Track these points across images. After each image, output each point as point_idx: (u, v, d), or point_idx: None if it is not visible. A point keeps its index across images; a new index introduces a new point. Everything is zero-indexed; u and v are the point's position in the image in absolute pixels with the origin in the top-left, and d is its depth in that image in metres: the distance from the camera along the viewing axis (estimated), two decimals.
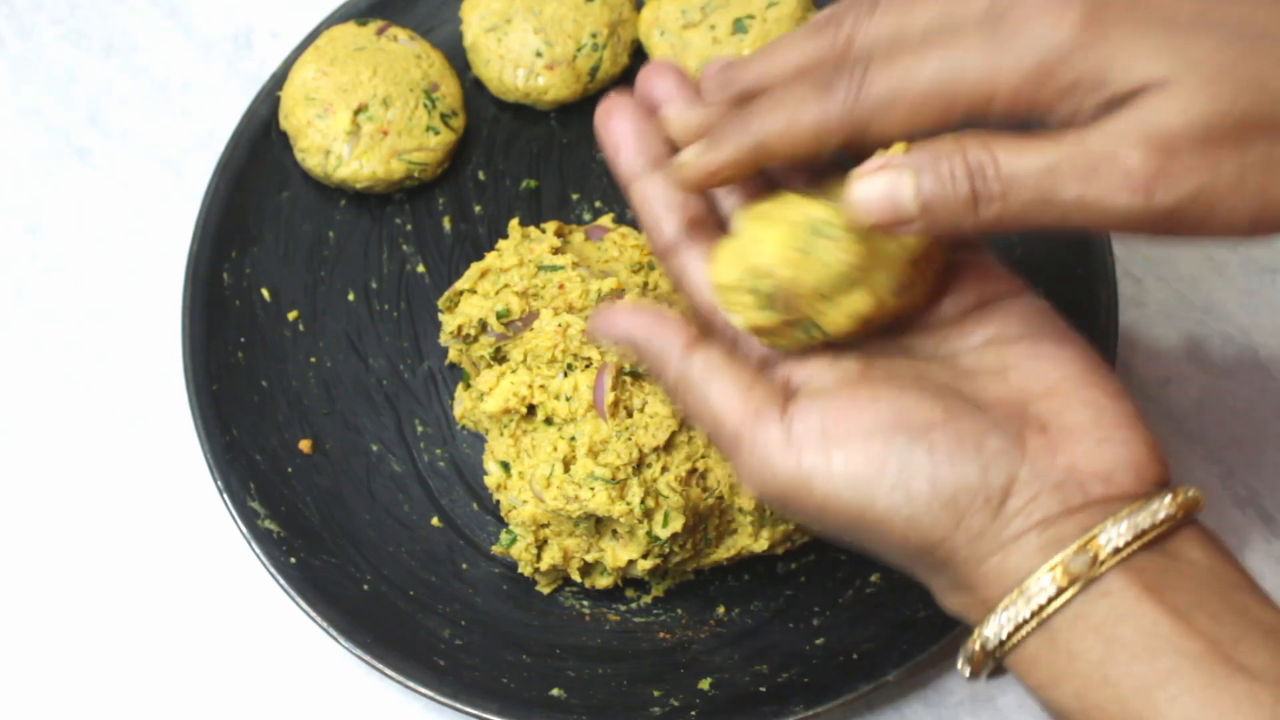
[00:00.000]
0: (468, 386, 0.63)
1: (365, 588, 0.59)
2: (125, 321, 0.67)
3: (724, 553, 0.58)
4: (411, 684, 0.57)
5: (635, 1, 0.69)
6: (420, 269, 0.66)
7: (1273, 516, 0.62)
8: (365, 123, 0.65)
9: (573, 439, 0.56)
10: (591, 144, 0.68)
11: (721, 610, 0.60)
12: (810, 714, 0.56)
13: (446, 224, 0.67)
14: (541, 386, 0.58)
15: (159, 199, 0.69)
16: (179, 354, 0.63)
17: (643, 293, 0.60)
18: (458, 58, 0.68)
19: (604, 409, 0.56)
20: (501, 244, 0.62)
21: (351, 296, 0.65)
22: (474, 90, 0.68)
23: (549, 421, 0.57)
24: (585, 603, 0.60)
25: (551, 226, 0.63)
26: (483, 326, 0.60)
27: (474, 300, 0.61)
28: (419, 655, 0.58)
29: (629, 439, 0.56)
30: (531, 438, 0.58)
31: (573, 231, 0.63)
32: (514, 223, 0.63)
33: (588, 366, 0.57)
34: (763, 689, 0.57)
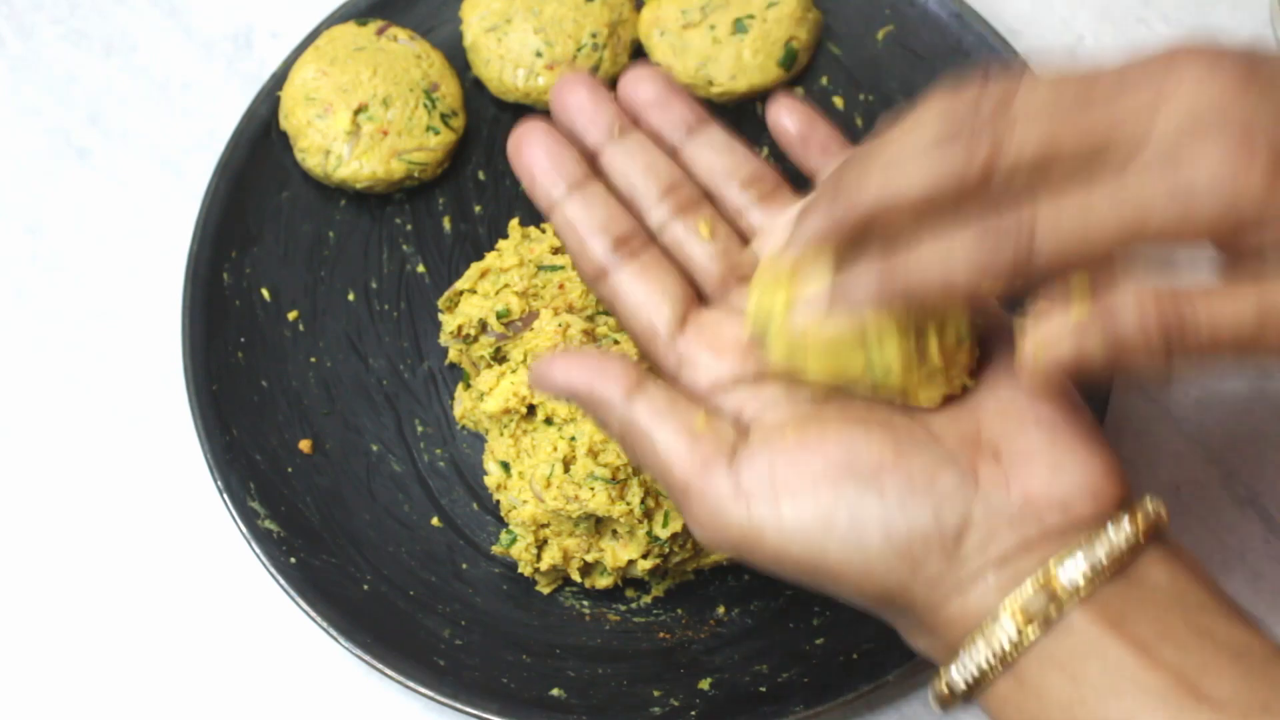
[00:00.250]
0: (468, 386, 0.63)
1: (365, 588, 0.59)
2: (125, 321, 0.67)
3: (724, 553, 0.58)
4: (411, 684, 0.57)
5: (635, 1, 0.69)
6: (420, 269, 0.66)
7: (1273, 516, 0.62)
8: (365, 123, 0.65)
9: (573, 439, 0.56)
10: None
11: (721, 610, 0.60)
12: (810, 714, 0.56)
13: (446, 224, 0.67)
14: None
15: (159, 199, 0.69)
16: (179, 354, 0.63)
17: None
18: (458, 58, 0.68)
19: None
20: (501, 244, 0.62)
21: (351, 296, 0.65)
22: (474, 90, 0.68)
23: (549, 421, 0.57)
24: (585, 603, 0.60)
25: (551, 227, 0.63)
26: (483, 326, 0.60)
27: (474, 300, 0.61)
28: (419, 655, 0.58)
29: None
30: (531, 438, 0.58)
31: None
32: (514, 223, 0.63)
33: None
34: (763, 689, 0.57)
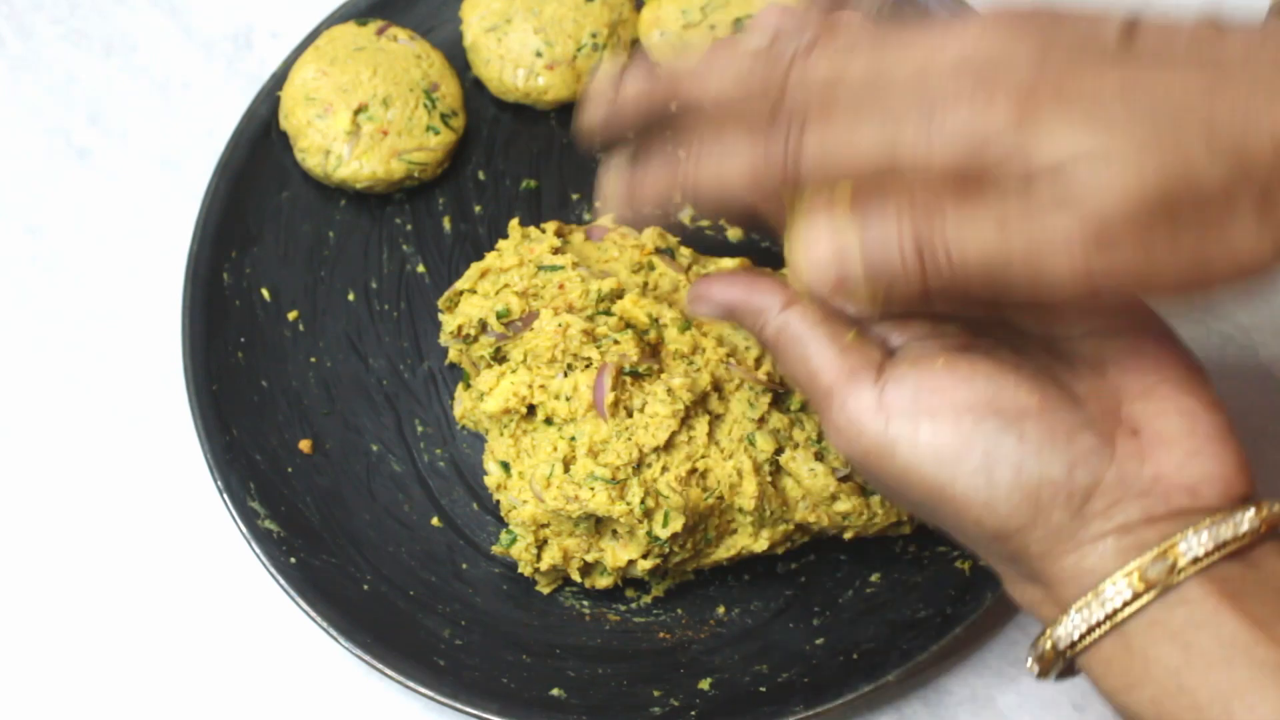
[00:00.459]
0: (468, 386, 0.63)
1: (365, 588, 0.59)
2: (125, 321, 0.67)
3: (724, 553, 0.58)
4: (411, 684, 0.57)
5: (635, 1, 0.69)
6: (420, 269, 0.66)
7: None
8: (365, 123, 0.65)
9: (573, 439, 0.56)
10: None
11: (721, 610, 0.60)
12: (810, 714, 0.56)
13: (446, 224, 0.67)
14: (541, 386, 0.58)
15: (159, 199, 0.69)
16: (179, 354, 0.63)
17: (642, 293, 0.60)
18: (458, 58, 0.68)
19: (604, 409, 0.56)
20: (501, 244, 0.62)
21: (351, 296, 0.65)
22: (474, 90, 0.68)
23: (549, 421, 0.57)
24: (585, 603, 0.60)
25: (551, 226, 0.63)
26: (483, 326, 0.60)
27: (474, 300, 0.61)
28: (419, 655, 0.58)
29: (629, 439, 0.56)
30: (531, 438, 0.58)
31: (573, 231, 0.63)
32: (514, 223, 0.63)
33: (588, 366, 0.57)
34: (763, 689, 0.57)
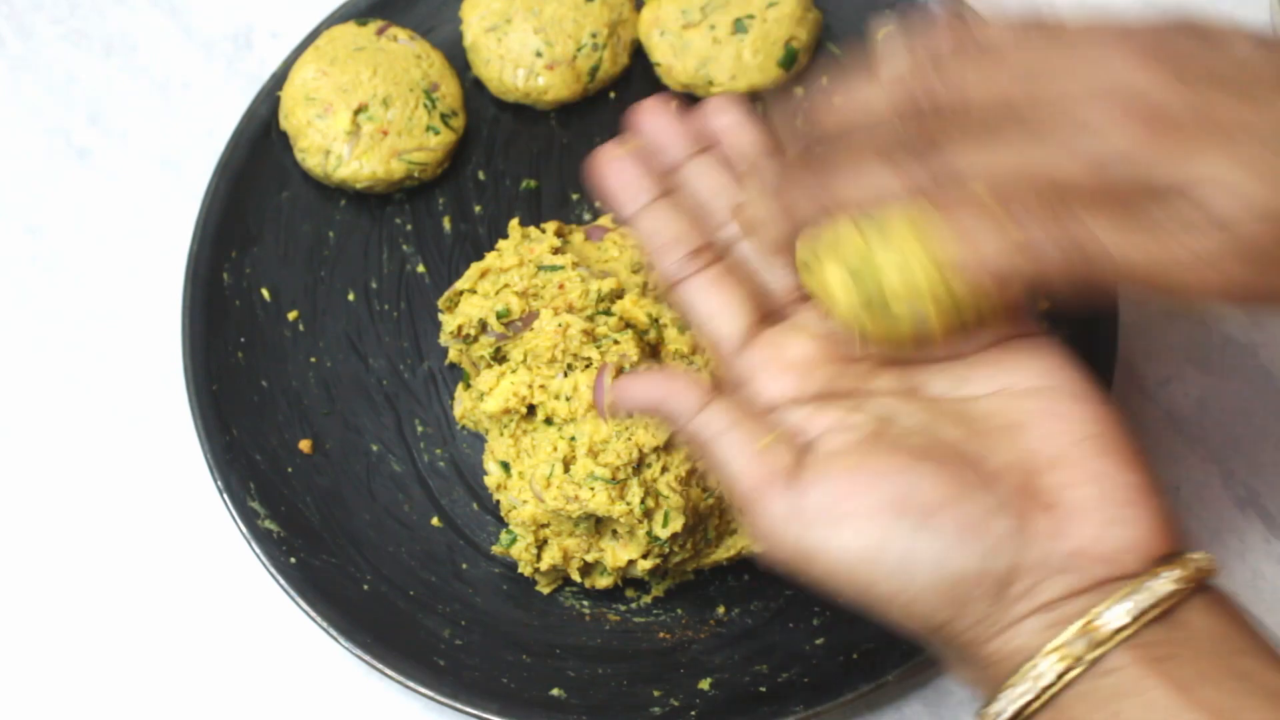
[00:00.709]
0: (468, 386, 0.63)
1: (365, 588, 0.59)
2: (125, 321, 0.67)
3: (724, 553, 0.58)
4: (411, 684, 0.57)
5: (635, 1, 0.69)
6: (420, 269, 0.66)
7: (1273, 516, 0.62)
8: (365, 123, 0.65)
9: (573, 439, 0.56)
10: (591, 144, 0.68)
11: (721, 610, 0.60)
12: (810, 714, 0.56)
13: (446, 224, 0.67)
14: (541, 386, 0.58)
15: (159, 199, 0.69)
16: (179, 354, 0.63)
17: (642, 293, 0.60)
18: (458, 58, 0.68)
19: (604, 409, 0.56)
20: (501, 244, 0.62)
21: (351, 296, 0.65)
22: (474, 90, 0.68)
23: (549, 421, 0.57)
24: (585, 603, 0.60)
25: (551, 226, 0.63)
26: (483, 326, 0.60)
27: (474, 300, 0.61)
28: (419, 655, 0.58)
29: (629, 439, 0.56)
30: (531, 438, 0.58)
31: (573, 231, 0.63)
32: (514, 223, 0.63)
33: (588, 366, 0.57)
34: (763, 689, 0.57)
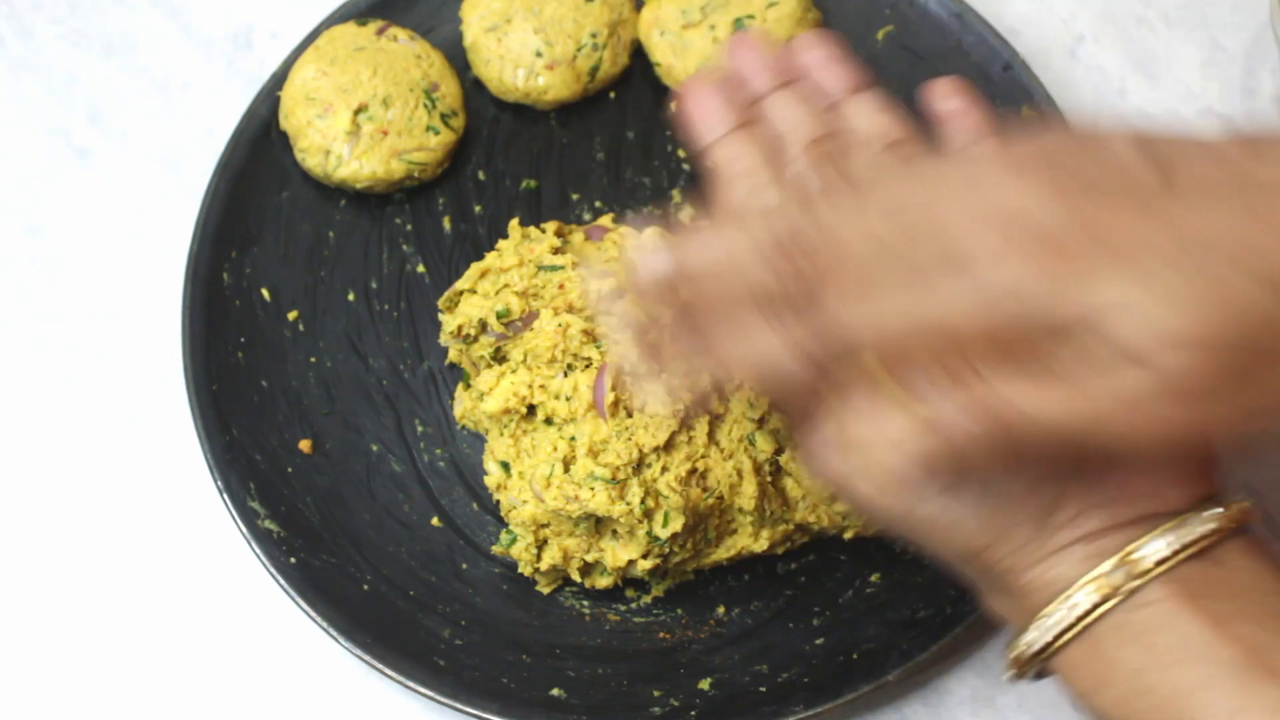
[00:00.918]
0: (468, 386, 0.63)
1: (365, 588, 0.59)
2: (125, 321, 0.67)
3: (724, 553, 0.58)
4: (411, 684, 0.57)
5: (635, 1, 0.69)
6: (420, 269, 0.66)
7: (1273, 516, 0.62)
8: (365, 123, 0.65)
9: (573, 439, 0.56)
10: (591, 144, 0.68)
11: (721, 610, 0.60)
12: (810, 714, 0.56)
13: (446, 224, 0.67)
14: (541, 386, 0.58)
15: (159, 199, 0.69)
16: (179, 354, 0.63)
17: None
18: (458, 58, 0.68)
19: (604, 409, 0.56)
20: (501, 244, 0.62)
21: (351, 296, 0.65)
22: (474, 90, 0.68)
23: (549, 421, 0.57)
24: (585, 603, 0.60)
25: (551, 226, 0.63)
26: (483, 326, 0.60)
27: (474, 300, 0.61)
28: (419, 655, 0.58)
29: (629, 439, 0.56)
30: (531, 438, 0.58)
31: (573, 231, 0.63)
32: (514, 223, 0.63)
33: (588, 366, 0.57)
34: (763, 689, 0.57)
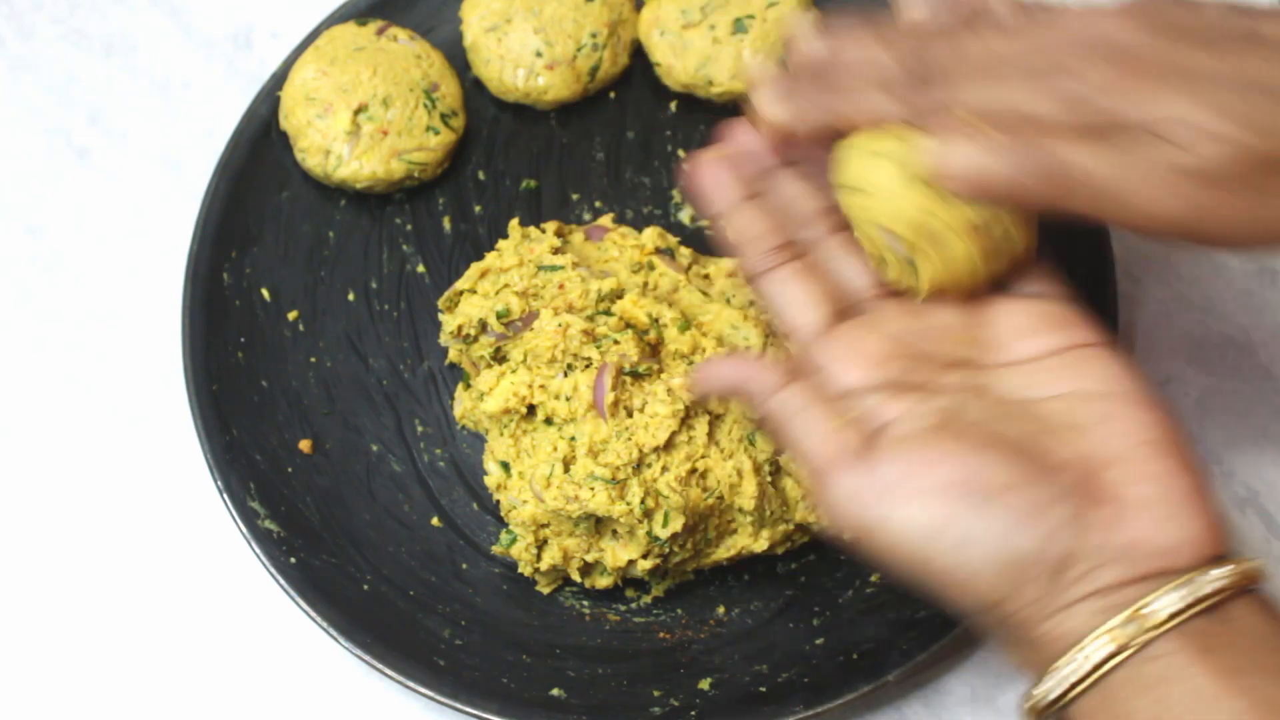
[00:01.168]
0: (468, 386, 0.63)
1: (365, 588, 0.59)
2: (125, 321, 0.67)
3: (724, 553, 0.58)
4: (411, 684, 0.57)
5: (635, 1, 0.69)
6: (420, 269, 0.66)
7: (1273, 516, 0.62)
8: (365, 123, 0.65)
9: (573, 439, 0.56)
10: (591, 144, 0.68)
11: (721, 610, 0.60)
12: (810, 714, 0.56)
13: (446, 224, 0.67)
14: (541, 386, 0.58)
15: (159, 199, 0.69)
16: (179, 354, 0.63)
17: (642, 293, 0.60)
18: (458, 58, 0.68)
19: (604, 409, 0.56)
20: (501, 244, 0.62)
21: (351, 296, 0.65)
22: (474, 90, 0.68)
23: (549, 421, 0.57)
24: (585, 603, 0.60)
25: (551, 226, 0.63)
26: (483, 326, 0.60)
27: (474, 300, 0.61)
28: (419, 655, 0.58)
29: (629, 439, 0.56)
30: (531, 438, 0.58)
31: (573, 231, 0.63)
32: (514, 223, 0.63)
33: (588, 366, 0.57)
34: (763, 689, 0.57)
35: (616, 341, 0.57)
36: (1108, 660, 0.42)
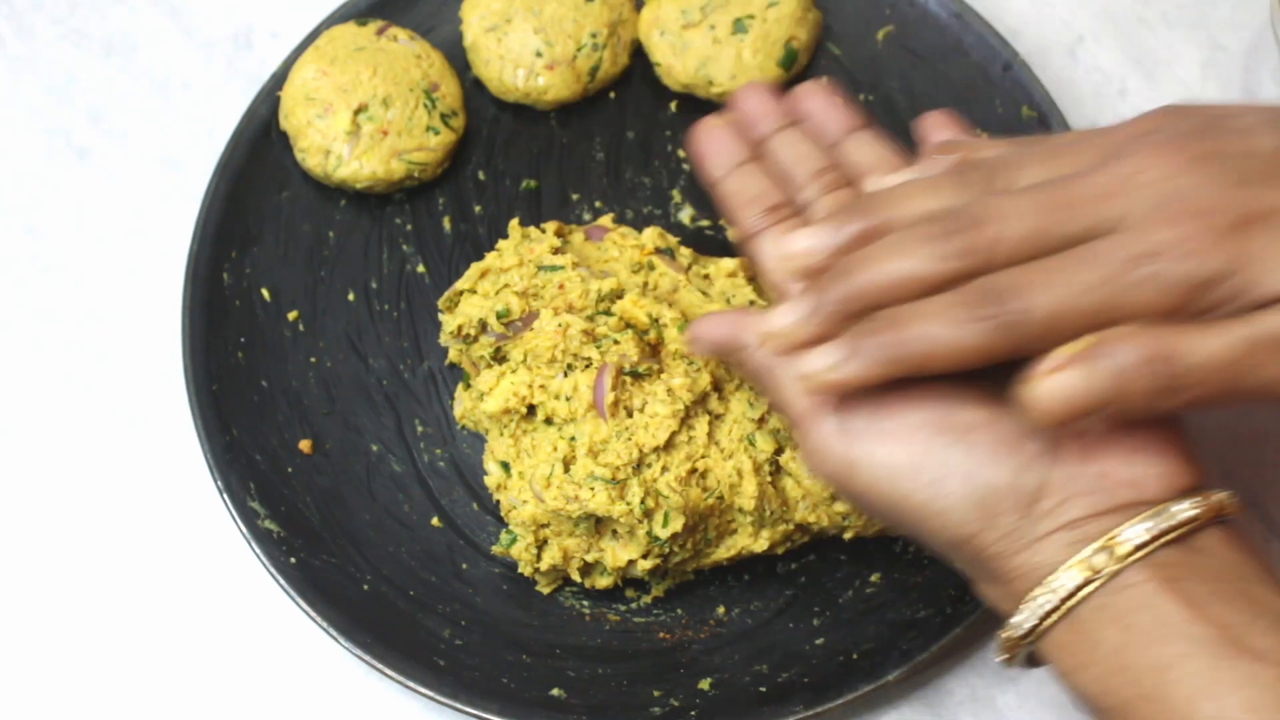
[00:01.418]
0: (468, 386, 0.63)
1: (365, 588, 0.59)
2: (125, 321, 0.67)
3: (724, 553, 0.58)
4: (411, 684, 0.57)
5: (635, 1, 0.69)
6: (420, 269, 0.66)
7: (1273, 516, 0.62)
8: (365, 123, 0.65)
9: (573, 439, 0.56)
10: (591, 144, 0.68)
11: (721, 610, 0.60)
12: (810, 714, 0.56)
13: (446, 224, 0.67)
14: (541, 386, 0.58)
15: (159, 199, 0.69)
16: (179, 354, 0.63)
17: (642, 293, 0.60)
18: (458, 58, 0.68)
19: (604, 409, 0.56)
20: (501, 244, 0.63)
21: (351, 296, 0.65)
22: (474, 90, 0.68)
23: (549, 421, 0.57)
24: (585, 603, 0.60)
25: (551, 226, 0.63)
26: (483, 326, 0.60)
27: (474, 300, 0.61)
28: (419, 655, 0.58)
29: (629, 439, 0.56)
30: (531, 438, 0.58)
31: (573, 231, 0.63)
32: (514, 223, 0.63)
33: (588, 366, 0.57)
34: (763, 689, 0.57)
35: (616, 341, 0.57)
36: (1078, 590, 0.43)
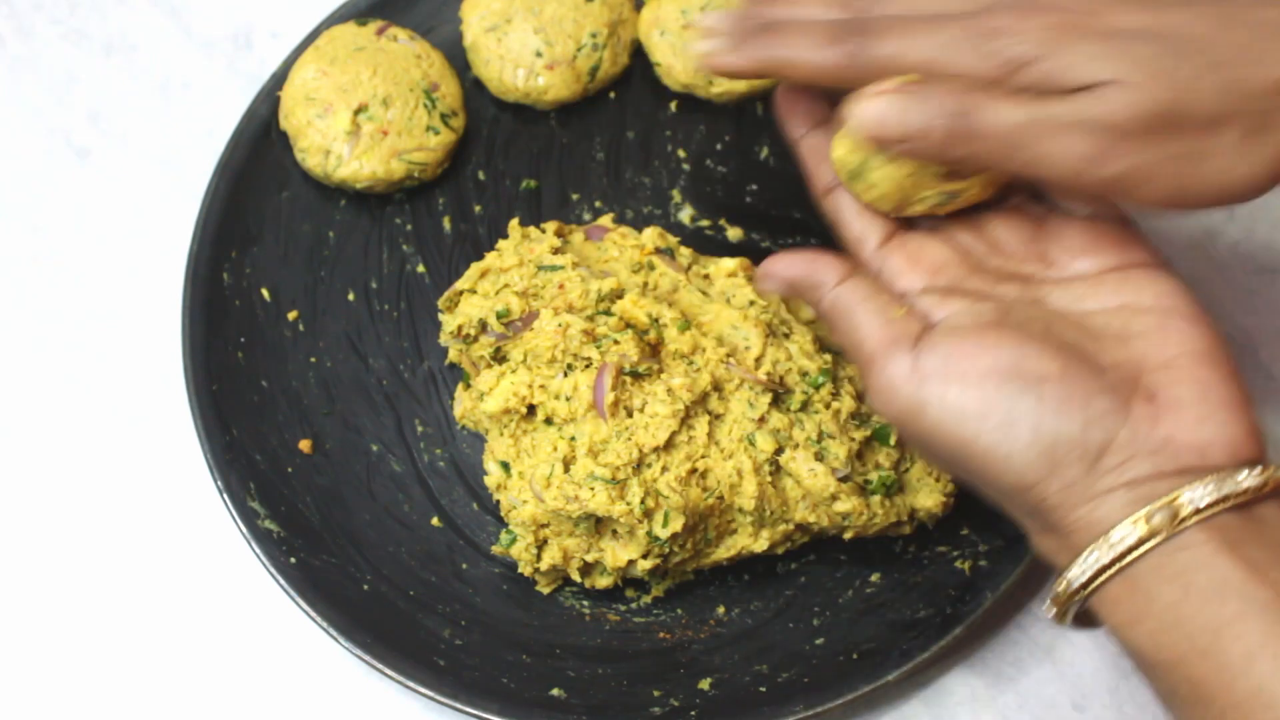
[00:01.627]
0: (468, 386, 0.63)
1: (365, 588, 0.59)
2: (125, 321, 0.67)
3: (724, 553, 0.58)
4: (411, 684, 0.57)
5: (635, 1, 0.69)
6: (420, 269, 0.66)
7: None
8: (365, 123, 0.65)
9: (573, 439, 0.56)
10: (591, 144, 0.68)
11: (721, 610, 0.60)
12: (810, 714, 0.56)
13: (446, 224, 0.67)
14: (541, 386, 0.58)
15: (159, 199, 0.69)
16: (179, 354, 0.63)
17: (642, 293, 0.60)
18: (458, 58, 0.68)
19: (604, 409, 0.56)
20: (501, 244, 0.63)
21: (351, 296, 0.65)
22: (474, 90, 0.68)
23: (549, 421, 0.57)
24: (585, 603, 0.60)
25: (551, 226, 0.63)
26: (483, 326, 0.60)
27: (474, 300, 0.61)
28: (419, 655, 0.58)
29: (629, 439, 0.56)
30: (531, 438, 0.58)
31: (573, 231, 0.63)
32: (514, 223, 0.63)
33: (588, 366, 0.57)
34: (763, 689, 0.57)
35: (616, 341, 0.57)
36: (1136, 546, 0.43)
